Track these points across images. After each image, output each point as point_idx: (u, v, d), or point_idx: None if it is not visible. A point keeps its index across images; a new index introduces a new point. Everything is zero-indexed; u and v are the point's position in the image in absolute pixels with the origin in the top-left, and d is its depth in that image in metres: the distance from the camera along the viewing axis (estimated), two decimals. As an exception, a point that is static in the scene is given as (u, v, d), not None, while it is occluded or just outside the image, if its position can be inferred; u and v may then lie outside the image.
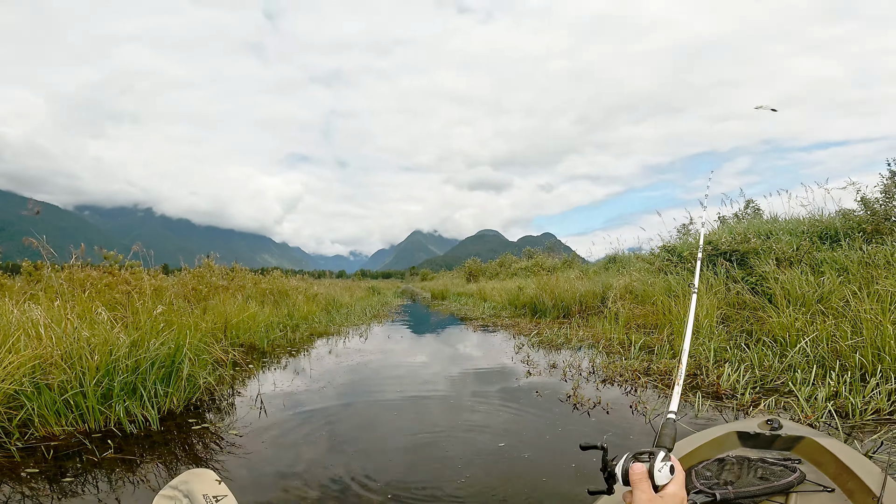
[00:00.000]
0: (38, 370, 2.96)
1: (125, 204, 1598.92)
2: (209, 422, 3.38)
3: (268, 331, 7.69)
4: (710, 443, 1.77)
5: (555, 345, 6.53)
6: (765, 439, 1.77)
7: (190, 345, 3.83)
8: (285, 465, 2.61)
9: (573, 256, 18.22)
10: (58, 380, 2.96)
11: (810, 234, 6.04)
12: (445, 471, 2.47)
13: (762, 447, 1.75)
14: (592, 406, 3.57)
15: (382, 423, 3.34)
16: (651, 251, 8.72)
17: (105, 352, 3.27)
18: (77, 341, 3.26)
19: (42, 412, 2.94)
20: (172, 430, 3.16)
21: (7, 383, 2.69)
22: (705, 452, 1.73)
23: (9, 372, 2.75)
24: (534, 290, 10.78)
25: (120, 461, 2.62)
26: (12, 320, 3.38)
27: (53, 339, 3.23)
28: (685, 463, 1.65)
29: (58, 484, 2.34)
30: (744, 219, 8.72)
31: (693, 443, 1.77)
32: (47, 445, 2.76)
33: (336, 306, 13.82)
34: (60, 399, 2.99)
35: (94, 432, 3.02)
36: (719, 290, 5.74)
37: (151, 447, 2.86)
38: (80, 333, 3.36)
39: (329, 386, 4.53)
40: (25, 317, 3.46)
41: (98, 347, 3.28)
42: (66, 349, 3.18)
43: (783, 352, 4.16)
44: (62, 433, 2.95)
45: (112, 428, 3.08)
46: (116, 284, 5.03)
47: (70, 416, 3.04)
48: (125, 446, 2.83)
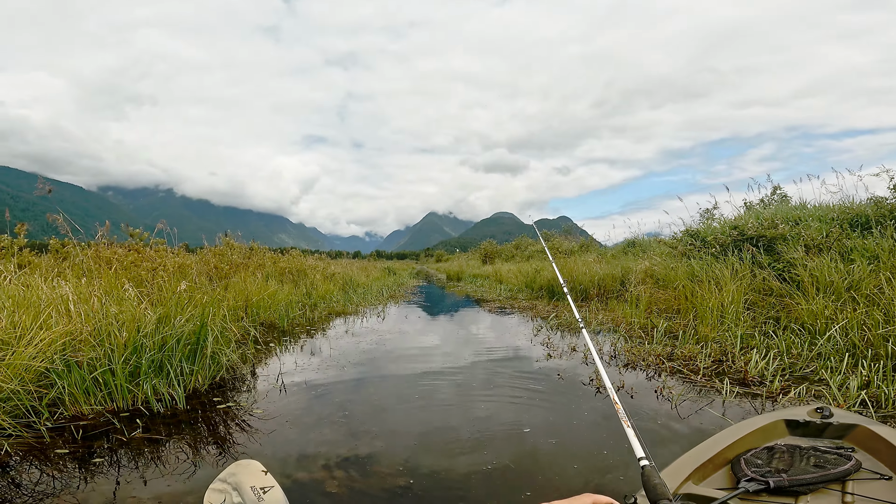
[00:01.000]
0: (69, 347, 2.99)
1: (147, 185, 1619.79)
2: (232, 400, 3.43)
3: (287, 309, 7.77)
4: (756, 431, 1.73)
5: (574, 328, 6.49)
6: (815, 427, 1.72)
7: (213, 322, 3.86)
8: (307, 444, 2.64)
9: (590, 240, 18.02)
10: (87, 357, 2.99)
11: (840, 220, 5.86)
12: (471, 456, 2.46)
13: (812, 435, 1.71)
14: (616, 390, 3.53)
15: (402, 405, 3.35)
16: (673, 235, 8.56)
17: (133, 328, 3.31)
18: (105, 317, 3.30)
19: (72, 390, 2.96)
20: (198, 409, 3.20)
21: (38, 361, 2.72)
22: (752, 441, 1.69)
23: (40, 349, 2.77)
24: (551, 272, 10.70)
25: (147, 441, 2.63)
26: (42, 297, 3.42)
27: (83, 316, 3.26)
28: (731, 452, 1.62)
29: (87, 465, 2.34)
30: (770, 205, 8.49)
31: (738, 431, 1.73)
32: (76, 425, 2.77)
33: (353, 286, 13.92)
34: (90, 377, 3.01)
35: (122, 411, 3.05)
36: (745, 275, 5.62)
37: (178, 426, 2.89)
38: (108, 310, 3.40)
39: (348, 366, 4.56)
40: (55, 293, 3.50)
41: (126, 324, 3.32)
42: (96, 325, 3.22)
43: (812, 339, 4.06)
44: (91, 412, 2.98)
45: (140, 407, 3.11)
46: (142, 262, 5.10)
47: (99, 394, 3.07)
48: (152, 426, 2.86)
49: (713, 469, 1.58)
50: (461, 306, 11.01)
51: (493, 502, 1.98)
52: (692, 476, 1.50)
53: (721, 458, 1.61)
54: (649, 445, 2.50)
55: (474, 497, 2.01)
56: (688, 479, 1.48)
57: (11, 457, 2.38)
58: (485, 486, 2.11)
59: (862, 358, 3.48)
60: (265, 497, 1.63)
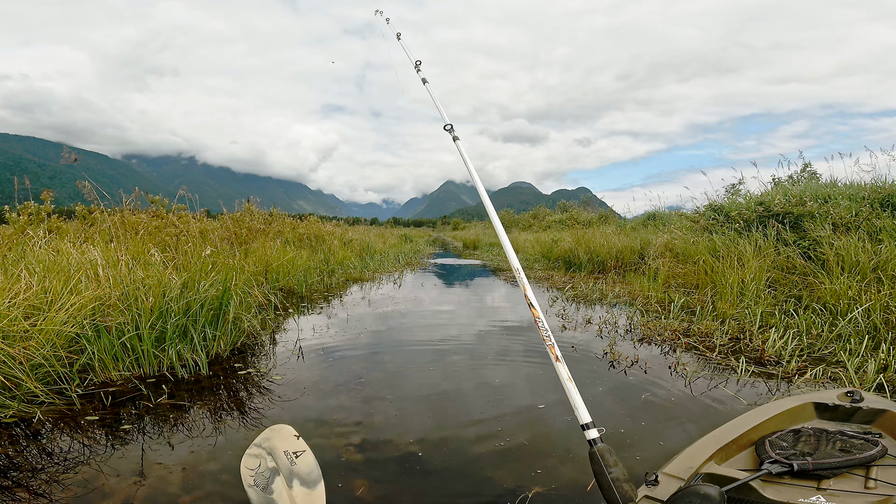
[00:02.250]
0: (98, 312, 3.09)
1: (169, 153, 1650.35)
2: (253, 366, 3.54)
3: (306, 275, 7.90)
4: (784, 413, 1.74)
5: (589, 300, 6.48)
6: (844, 411, 1.72)
7: (235, 287, 3.95)
8: (324, 411, 2.73)
9: (609, 212, 17.76)
10: (115, 322, 3.10)
11: (871, 199, 5.67)
12: (482, 428, 2.51)
13: (841, 419, 1.71)
14: (630, 364, 3.55)
15: (417, 374, 3.42)
16: (696, 209, 8.38)
17: (159, 293, 3.40)
18: (133, 282, 3.40)
19: (101, 356, 3.05)
20: (220, 375, 3.31)
21: (69, 326, 2.81)
22: (778, 423, 1.70)
23: (71, 314, 2.87)
24: (569, 243, 10.63)
25: (172, 407, 2.72)
26: (72, 262, 3.52)
27: (111, 281, 3.35)
28: (756, 433, 1.64)
29: (116, 432, 2.40)
30: (799, 181, 8.24)
31: (766, 413, 1.74)
32: (105, 392, 2.85)
33: (370, 252, 14.05)
34: (118, 342, 3.12)
35: (148, 377, 3.15)
36: (768, 252, 5.51)
37: (201, 392, 2.99)
38: (135, 274, 3.50)
39: (364, 332, 4.65)
40: (84, 258, 3.60)
41: (152, 289, 3.42)
42: (123, 290, 3.31)
43: (833, 320, 4.00)
44: (119, 378, 3.08)
45: (165, 373, 3.22)
46: (165, 227, 5.21)
47: (126, 360, 3.18)
48: (177, 391, 2.96)
49: (737, 450, 1.60)
50: (476, 275, 11.06)
51: (503, 473, 2.03)
52: (715, 456, 1.52)
53: (746, 439, 1.62)
54: (658, 422, 2.53)
55: (485, 470, 2.06)
56: (710, 459, 1.49)
57: (44, 425, 2.46)
58: (496, 460, 2.15)
59: (882, 340, 3.42)
60: (297, 461, 1.72)
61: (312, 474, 1.68)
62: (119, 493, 1.84)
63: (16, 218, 4.75)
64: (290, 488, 1.61)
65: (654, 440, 2.32)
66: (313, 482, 1.65)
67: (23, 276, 3.03)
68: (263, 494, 1.57)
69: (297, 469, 1.69)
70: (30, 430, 2.41)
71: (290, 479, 1.65)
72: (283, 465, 1.70)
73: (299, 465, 1.71)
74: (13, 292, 2.81)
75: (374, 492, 1.88)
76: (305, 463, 1.72)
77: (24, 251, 3.95)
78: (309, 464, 1.72)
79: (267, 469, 1.68)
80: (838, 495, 1.26)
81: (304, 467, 1.71)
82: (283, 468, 1.69)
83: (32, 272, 3.23)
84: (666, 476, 1.41)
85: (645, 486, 1.36)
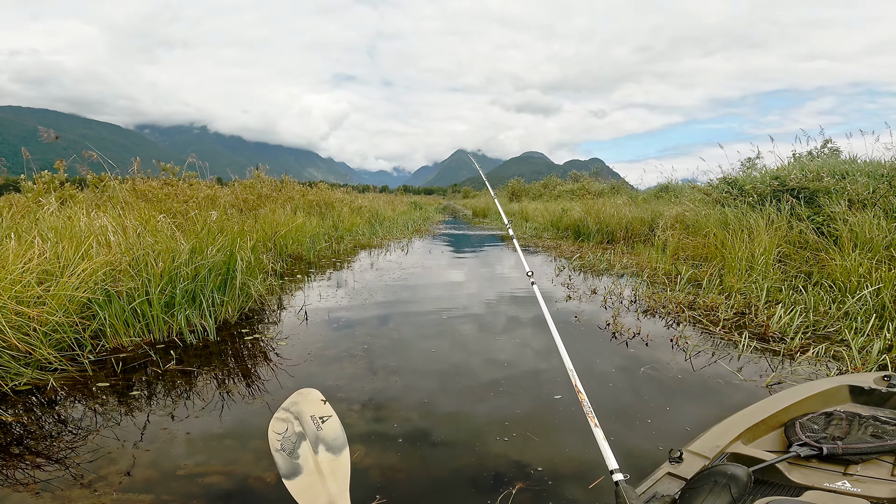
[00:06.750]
0: (109, 277, 3.15)
1: (182, 123, 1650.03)
2: (259, 332, 3.62)
3: (314, 242, 7.96)
4: (817, 395, 1.71)
5: (596, 270, 6.48)
6: (880, 396, 1.68)
7: (243, 251, 4.00)
8: (328, 377, 2.79)
9: (622, 183, 17.47)
10: (126, 287, 3.16)
11: (890, 177, 5.51)
12: (485, 398, 2.55)
13: (875, 404, 1.68)
14: (632, 336, 3.56)
15: (422, 343, 3.48)
16: (709, 182, 8.22)
17: (168, 259, 3.46)
18: (142, 248, 3.45)
19: (112, 321, 3.12)
20: (227, 341, 3.39)
21: (81, 291, 2.87)
22: (811, 405, 1.67)
23: (82, 279, 2.92)
24: (579, 212, 10.53)
25: (181, 373, 2.78)
26: (83, 228, 3.58)
27: (121, 246, 3.41)
28: (786, 415, 1.61)
29: (126, 398, 2.45)
30: (819, 157, 8.00)
31: (798, 394, 1.71)
32: (116, 357, 2.91)
33: (379, 219, 14.07)
34: (129, 308, 3.18)
35: (157, 343, 3.22)
36: (781, 226, 5.42)
37: (209, 358, 3.06)
38: (144, 240, 3.55)
39: (371, 299, 4.71)
40: (95, 224, 3.65)
41: (161, 254, 3.47)
42: (134, 256, 3.37)
43: (842, 298, 3.96)
44: (130, 344, 3.15)
45: (174, 338, 3.29)
46: (175, 195, 5.25)
47: (137, 326, 3.25)
48: (185, 357, 3.02)
49: (766, 430, 1.58)
50: (485, 243, 11.05)
51: (507, 446, 2.06)
52: (742, 436, 1.50)
53: (775, 420, 1.60)
54: (656, 395, 2.55)
55: (489, 443, 2.09)
56: (738, 439, 1.47)
57: (57, 392, 2.51)
58: (500, 432, 2.17)
59: (890, 320, 3.39)
60: (323, 426, 1.71)
61: (338, 440, 1.67)
62: (126, 458, 1.90)
63: (30, 186, 4.82)
64: (316, 454, 1.60)
65: (645, 415, 2.32)
66: (339, 448, 1.64)
67: (36, 242, 3.08)
68: (290, 459, 1.57)
69: (323, 434, 1.68)
70: (44, 397, 2.47)
71: (316, 445, 1.64)
72: (310, 430, 1.69)
73: (325, 430, 1.70)
74: (27, 258, 2.86)
75: (371, 457, 1.94)
76: (331, 428, 1.71)
77: (37, 218, 4.01)
78: (335, 429, 1.71)
79: (294, 434, 1.67)
80: (864, 481, 1.24)
81: (331, 433, 1.69)
82: (310, 433, 1.68)
83: (46, 238, 3.29)
84: (691, 454, 1.38)
85: (668, 463, 1.34)
